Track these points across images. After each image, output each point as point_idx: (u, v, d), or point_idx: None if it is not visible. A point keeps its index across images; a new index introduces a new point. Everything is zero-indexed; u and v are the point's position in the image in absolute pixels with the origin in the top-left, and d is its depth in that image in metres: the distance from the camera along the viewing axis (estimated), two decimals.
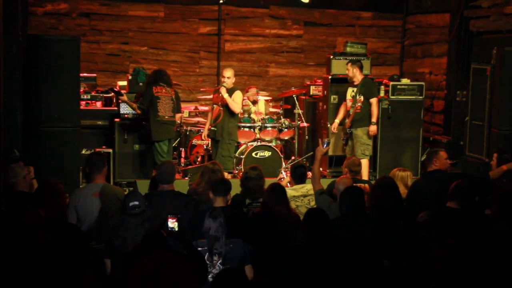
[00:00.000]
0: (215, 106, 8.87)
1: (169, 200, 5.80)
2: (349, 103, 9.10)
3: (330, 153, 9.72)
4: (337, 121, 9.17)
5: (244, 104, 10.02)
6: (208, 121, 9.05)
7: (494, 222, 5.13)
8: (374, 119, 8.89)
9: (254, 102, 10.04)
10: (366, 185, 6.79)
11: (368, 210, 5.74)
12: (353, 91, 9.05)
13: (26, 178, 5.77)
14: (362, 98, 8.77)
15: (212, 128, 8.83)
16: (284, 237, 5.00)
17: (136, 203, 4.85)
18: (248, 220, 5.51)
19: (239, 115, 9.20)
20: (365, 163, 9.08)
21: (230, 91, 8.75)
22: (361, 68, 9.07)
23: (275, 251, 4.74)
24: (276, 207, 5.38)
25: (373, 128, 8.90)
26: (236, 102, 8.71)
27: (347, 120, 9.01)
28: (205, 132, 9.04)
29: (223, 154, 8.72)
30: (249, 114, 9.78)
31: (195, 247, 4.49)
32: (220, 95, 8.70)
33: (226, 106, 8.72)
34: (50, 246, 4.30)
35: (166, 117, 8.60)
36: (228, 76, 8.73)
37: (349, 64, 9.06)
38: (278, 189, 5.57)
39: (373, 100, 8.92)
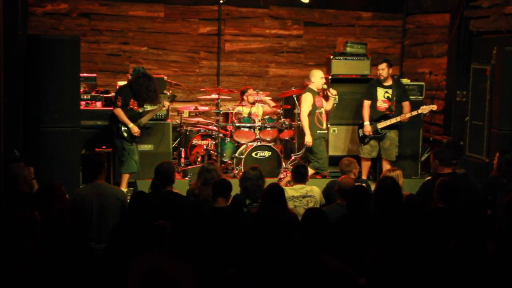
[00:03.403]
0: (323, 109, 9.01)
1: (168, 201, 5.80)
2: (383, 105, 9.07)
3: (332, 153, 9.75)
4: (367, 123, 9.10)
5: (241, 104, 10.08)
6: (311, 128, 8.83)
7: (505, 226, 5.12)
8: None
9: (253, 103, 10.04)
10: (364, 184, 6.82)
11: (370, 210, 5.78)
12: (386, 92, 9.03)
13: (26, 178, 5.77)
14: (408, 116, 8.90)
15: (325, 131, 9.02)
16: (280, 238, 4.99)
17: None
18: (246, 220, 5.51)
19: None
20: (368, 164, 9.11)
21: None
22: (392, 68, 9.21)
23: (271, 252, 4.73)
24: (273, 207, 5.38)
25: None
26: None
27: (383, 121, 8.97)
28: (310, 139, 8.77)
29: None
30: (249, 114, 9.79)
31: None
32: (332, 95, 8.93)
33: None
34: (47, 247, 4.30)
35: None
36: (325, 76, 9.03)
37: (385, 64, 9.08)
38: (276, 189, 5.56)
39: (408, 103, 9.12)
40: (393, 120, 8.93)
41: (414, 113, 8.88)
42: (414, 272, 4.38)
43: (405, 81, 10.06)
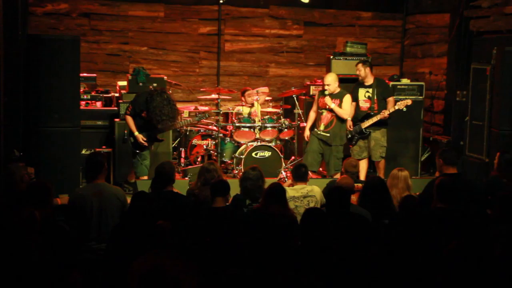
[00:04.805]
0: (324, 111, 8.93)
1: (169, 201, 5.80)
2: (365, 104, 9.03)
3: None
4: (349, 119, 9.01)
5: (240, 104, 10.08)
6: (309, 123, 9.13)
7: (499, 223, 5.12)
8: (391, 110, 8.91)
9: (253, 105, 10.05)
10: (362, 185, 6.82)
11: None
12: (367, 91, 9.01)
13: (23, 179, 5.75)
14: (388, 113, 8.81)
15: (324, 133, 8.89)
16: (278, 237, 5.00)
17: None
18: (245, 220, 5.51)
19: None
20: (363, 164, 9.09)
21: (339, 96, 8.86)
22: (371, 67, 9.08)
23: (269, 250, 4.74)
24: (273, 206, 5.38)
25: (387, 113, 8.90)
26: (344, 108, 8.83)
27: (366, 121, 8.92)
28: (307, 133, 9.10)
29: (338, 157, 8.85)
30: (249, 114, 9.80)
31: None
32: (328, 106, 8.82)
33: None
34: (39, 247, 4.30)
35: None
36: (328, 83, 8.83)
37: (360, 64, 9.03)
38: (277, 189, 5.56)
39: (392, 99, 9.03)
40: (374, 119, 8.88)
41: (392, 109, 8.82)
42: (408, 272, 4.39)
43: (405, 81, 10.06)
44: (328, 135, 8.88)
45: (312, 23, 11.99)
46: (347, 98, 8.87)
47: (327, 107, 8.85)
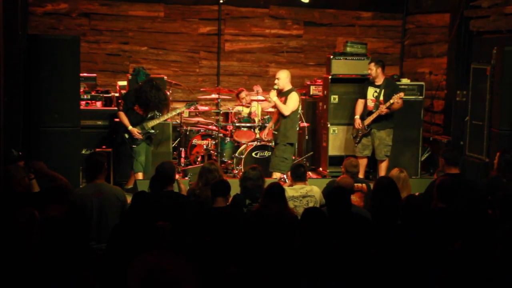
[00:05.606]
0: (273, 110, 9.01)
1: (169, 201, 5.80)
2: (371, 103, 9.06)
3: (332, 153, 9.76)
4: (357, 117, 9.13)
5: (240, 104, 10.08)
6: (270, 123, 9.21)
7: (500, 222, 5.12)
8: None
9: (248, 106, 10.06)
10: (364, 184, 6.81)
11: (368, 209, 5.78)
12: (375, 91, 9.02)
13: (21, 180, 5.73)
14: (385, 107, 8.82)
15: (274, 132, 8.91)
16: (278, 237, 4.99)
17: None
18: (245, 220, 5.51)
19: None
20: (363, 162, 9.10)
21: (286, 94, 8.77)
22: (383, 68, 9.08)
23: (268, 250, 4.74)
24: (272, 206, 5.38)
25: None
26: (287, 104, 8.68)
27: (368, 118, 8.98)
28: (266, 131, 9.20)
29: (276, 154, 8.77)
30: (249, 114, 9.80)
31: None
32: (269, 98, 8.74)
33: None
34: (49, 245, 4.29)
35: None
36: (278, 77, 8.78)
37: (373, 63, 9.07)
38: (276, 189, 5.56)
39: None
40: (374, 115, 8.93)
41: (388, 104, 8.84)
42: (412, 271, 4.39)
43: (405, 81, 10.06)
44: (276, 133, 8.88)
45: (312, 23, 11.99)
46: (292, 95, 8.74)
47: (272, 102, 8.84)
